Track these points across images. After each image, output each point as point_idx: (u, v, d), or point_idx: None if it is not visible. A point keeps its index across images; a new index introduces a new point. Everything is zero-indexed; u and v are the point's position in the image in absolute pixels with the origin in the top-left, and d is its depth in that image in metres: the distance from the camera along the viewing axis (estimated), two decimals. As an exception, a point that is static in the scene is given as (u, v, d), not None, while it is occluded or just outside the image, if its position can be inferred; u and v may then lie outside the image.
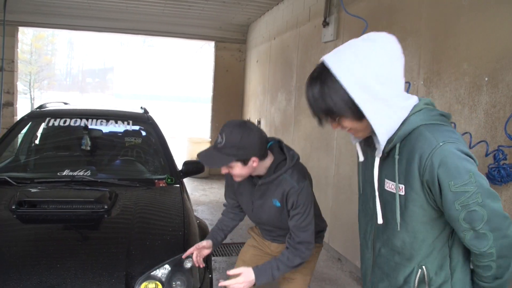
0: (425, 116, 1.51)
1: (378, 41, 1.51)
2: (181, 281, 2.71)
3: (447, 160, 1.42)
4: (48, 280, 2.45)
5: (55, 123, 4.33)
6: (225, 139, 2.33)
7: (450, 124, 1.57)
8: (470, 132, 3.14)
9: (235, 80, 10.46)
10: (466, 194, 1.41)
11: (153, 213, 3.38)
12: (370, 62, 1.47)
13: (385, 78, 1.47)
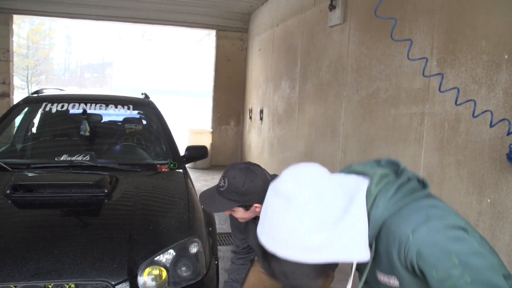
0: (384, 205, 1.30)
1: (290, 194, 1.26)
2: (187, 266, 2.58)
3: (422, 250, 1.24)
4: (45, 266, 2.31)
5: (53, 108, 4.16)
6: (227, 183, 2.23)
7: (412, 186, 1.34)
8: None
9: (237, 69, 10.29)
10: (452, 278, 1.22)
11: (156, 197, 3.23)
12: (294, 224, 1.24)
13: (320, 223, 1.23)
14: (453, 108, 3.37)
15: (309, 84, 6.35)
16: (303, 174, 1.30)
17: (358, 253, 1.30)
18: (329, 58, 5.68)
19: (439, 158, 3.51)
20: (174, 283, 2.51)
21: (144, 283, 2.41)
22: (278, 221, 1.27)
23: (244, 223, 2.63)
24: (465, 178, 3.24)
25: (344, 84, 5.22)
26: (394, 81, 4.17)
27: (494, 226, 2.97)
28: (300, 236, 1.24)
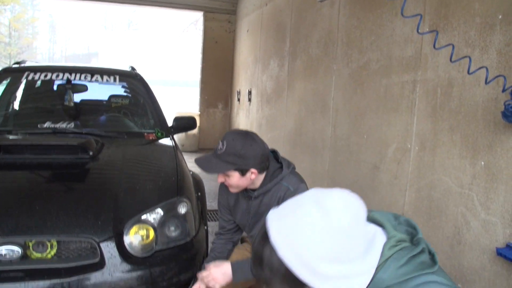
0: (392, 272, 1.26)
1: (333, 213, 1.20)
2: (175, 226, 2.50)
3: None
4: (25, 222, 2.21)
5: (35, 77, 4.01)
6: (225, 146, 2.22)
7: (424, 259, 1.30)
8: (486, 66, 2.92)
9: (225, 52, 10.17)
10: None
11: (143, 161, 3.13)
12: (316, 241, 1.19)
13: (337, 256, 1.20)
14: (446, 73, 3.32)
15: (298, 61, 6.27)
16: (354, 204, 1.25)
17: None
18: (319, 33, 5.60)
19: (431, 125, 3.46)
20: (162, 243, 2.43)
21: (130, 243, 2.33)
22: (303, 225, 1.20)
23: (234, 201, 2.57)
24: (458, 142, 3.19)
25: (334, 58, 5.15)
26: (386, 51, 4.11)
27: (488, 188, 2.93)
28: (316, 256, 1.18)
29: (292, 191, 2.31)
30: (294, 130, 6.31)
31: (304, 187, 2.37)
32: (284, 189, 2.34)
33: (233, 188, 2.34)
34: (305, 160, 5.83)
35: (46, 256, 2.20)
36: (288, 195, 2.31)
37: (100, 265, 2.19)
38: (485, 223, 2.97)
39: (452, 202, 3.24)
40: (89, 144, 2.88)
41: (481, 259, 3.01)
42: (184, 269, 2.44)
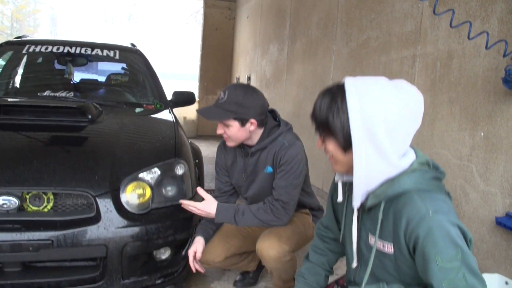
0: (419, 180, 1.40)
1: (407, 94, 1.40)
2: (172, 186, 2.49)
3: (434, 232, 1.31)
4: (22, 174, 2.20)
5: (36, 50, 3.99)
6: (227, 95, 2.25)
7: (443, 188, 1.46)
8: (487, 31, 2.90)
9: (225, 38, 10.17)
10: (453, 272, 1.30)
11: (142, 125, 3.13)
12: (388, 107, 1.36)
13: (394, 130, 1.37)
14: (445, 46, 3.31)
15: (298, 44, 6.25)
16: (422, 104, 1.43)
17: (362, 182, 1.42)
18: (318, 15, 5.59)
19: (430, 98, 3.45)
20: (158, 202, 2.42)
21: (127, 200, 2.32)
22: (377, 85, 1.38)
23: (231, 161, 2.57)
24: (457, 114, 3.18)
25: (333, 39, 5.14)
26: (385, 28, 4.10)
27: (487, 159, 2.92)
28: (379, 117, 1.34)
29: (287, 146, 2.33)
30: (293, 113, 6.30)
31: (300, 145, 2.38)
32: (279, 144, 2.35)
33: (231, 142, 2.35)
34: (303, 142, 5.73)
35: (42, 210, 2.19)
36: (283, 149, 2.32)
37: (96, 219, 2.18)
38: (484, 194, 2.96)
39: (451, 175, 3.23)
40: (88, 108, 2.86)
41: (480, 231, 3.00)
42: (181, 228, 2.44)
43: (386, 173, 1.41)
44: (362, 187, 1.43)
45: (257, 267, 2.86)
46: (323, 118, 1.43)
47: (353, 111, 1.36)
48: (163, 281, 2.45)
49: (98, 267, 2.26)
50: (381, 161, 1.38)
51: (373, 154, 1.37)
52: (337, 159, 1.48)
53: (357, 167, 1.40)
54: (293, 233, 2.38)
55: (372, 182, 1.42)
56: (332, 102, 1.40)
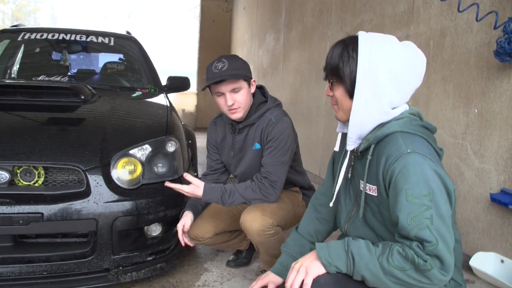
0: (405, 124, 1.49)
1: (414, 53, 1.53)
2: (163, 163, 2.48)
3: (409, 167, 1.37)
4: (13, 148, 2.20)
5: (31, 37, 3.98)
6: (227, 62, 2.25)
7: (432, 138, 1.54)
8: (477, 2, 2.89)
9: (222, 30, 10.17)
10: (421, 208, 1.34)
11: (135, 106, 3.12)
12: (395, 59, 1.47)
13: (396, 83, 1.48)
14: (438, 24, 3.30)
15: (294, 31, 6.25)
16: (424, 63, 1.59)
17: (357, 125, 1.52)
18: (314, 2, 5.58)
19: (424, 78, 3.36)
20: (149, 178, 2.42)
21: (118, 177, 2.32)
22: (388, 40, 1.50)
23: (221, 138, 2.58)
24: (451, 93, 3.18)
25: (328, 24, 5.13)
26: (379, 10, 4.09)
27: (482, 135, 2.92)
28: (385, 67, 1.45)
29: (274, 122, 2.32)
30: (290, 101, 6.29)
31: (287, 120, 2.36)
32: (266, 120, 2.35)
33: (241, 111, 2.34)
34: (300, 130, 5.79)
35: (33, 184, 2.19)
36: (270, 125, 2.31)
37: (86, 194, 2.18)
38: (479, 171, 2.95)
39: (446, 154, 3.22)
40: (81, 88, 2.86)
41: (475, 210, 2.99)
42: (172, 205, 2.43)
43: (379, 119, 1.50)
44: (356, 131, 1.53)
45: (249, 247, 2.85)
46: (334, 65, 1.53)
47: (362, 59, 1.46)
48: (155, 258, 2.44)
49: (88, 242, 2.26)
50: (377, 106, 1.48)
51: (372, 99, 1.47)
52: (341, 105, 1.57)
53: (355, 110, 1.50)
54: (279, 208, 2.36)
55: (366, 126, 1.51)
56: (343, 50, 1.51)
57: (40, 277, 2.19)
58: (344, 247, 1.43)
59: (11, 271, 2.14)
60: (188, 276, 2.72)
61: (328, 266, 1.44)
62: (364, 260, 1.38)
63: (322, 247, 1.48)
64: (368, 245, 1.41)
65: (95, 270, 2.28)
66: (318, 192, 1.97)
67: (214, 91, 2.32)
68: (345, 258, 1.42)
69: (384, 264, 1.35)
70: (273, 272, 1.86)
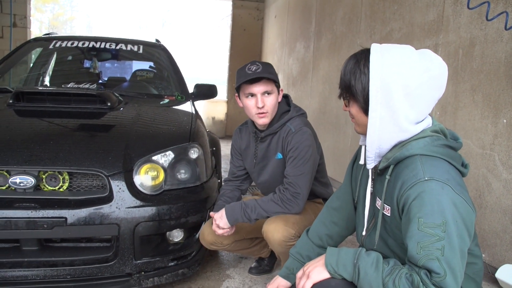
0: (426, 146, 1.42)
1: (431, 61, 1.42)
2: (185, 170, 2.51)
3: (424, 195, 1.31)
4: (38, 154, 2.26)
5: (62, 45, 4.09)
6: (261, 65, 2.27)
7: (456, 158, 1.45)
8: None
9: (253, 39, 10.20)
10: (432, 238, 1.29)
11: (160, 113, 3.16)
12: (409, 72, 1.39)
13: (413, 95, 1.39)
14: (467, 33, 3.25)
15: (323, 40, 6.23)
16: (446, 71, 1.47)
17: (374, 143, 1.46)
18: (343, 10, 5.56)
19: (452, 87, 3.39)
20: (171, 184, 2.44)
21: (140, 182, 2.35)
22: (402, 51, 1.43)
23: (245, 145, 2.59)
24: (480, 102, 3.12)
25: (357, 33, 5.10)
26: (408, 18, 4.05)
27: (510, 146, 2.85)
28: (399, 81, 1.38)
29: (293, 132, 2.31)
30: (318, 110, 6.27)
31: (307, 130, 2.34)
32: (287, 130, 2.35)
33: (268, 116, 2.36)
34: (328, 139, 5.79)
35: (58, 189, 2.25)
36: (289, 135, 2.31)
37: (109, 199, 2.22)
38: (507, 183, 2.89)
39: (473, 164, 3.16)
40: (108, 95, 2.92)
41: (502, 221, 2.93)
42: (193, 211, 2.45)
43: (397, 137, 1.44)
44: (373, 149, 1.47)
45: (271, 254, 2.85)
46: (346, 82, 1.49)
47: (374, 73, 1.40)
48: (176, 263, 2.46)
49: (111, 247, 2.30)
50: (392, 125, 1.41)
51: (387, 117, 1.41)
52: (358, 121, 1.53)
53: (370, 129, 1.44)
54: (301, 219, 2.34)
55: (384, 145, 1.46)
56: (355, 66, 1.46)
57: (63, 281, 2.24)
58: (353, 260, 1.42)
59: (36, 274, 2.19)
60: (210, 282, 2.73)
61: (333, 273, 1.45)
62: (368, 278, 1.37)
63: (332, 253, 1.48)
64: (378, 262, 1.39)
65: (117, 274, 2.31)
66: (334, 195, 1.95)
67: (245, 92, 2.33)
68: (351, 271, 1.41)
69: (389, 285, 1.34)
70: (281, 276, 1.87)
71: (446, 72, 1.45)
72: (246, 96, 2.34)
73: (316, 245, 1.90)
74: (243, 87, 2.32)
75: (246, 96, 2.33)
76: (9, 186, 2.20)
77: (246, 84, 2.29)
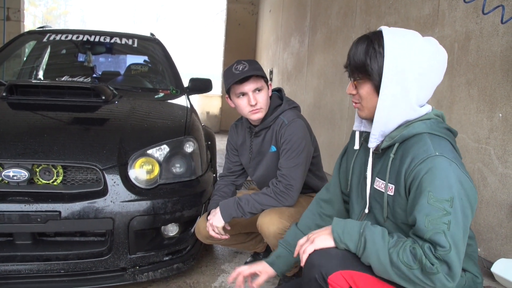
0: (433, 126, 1.48)
1: (437, 49, 1.50)
2: (180, 163, 2.49)
3: (435, 170, 1.36)
4: (32, 147, 2.24)
5: (56, 38, 4.05)
6: (247, 64, 2.27)
7: (454, 141, 1.52)
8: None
9: (247, 34, 10.19)
10: (440, 212, 1.33)
11: (155, 106, 3.14)
12: (421, 55, 1.44)
13: (422, 78, 1.46)
14: (463, 27, 3.24)
15: (318, 34, 6.22)
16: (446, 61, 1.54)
17: (382, 121, 1.49)
18: (338, 4, 5.54)
19: (448, 81, 3.38)
20: (166, 178, 2.43)
21: (135, 176, 2.34)
22: (414, 36, 1.48)
23: (241, 141, 2.58)
24: (475, 96, 3.11)
25: (352, 27, 5.09)
26: (403, 12, 4.03)
27: (506, 140, 2.85)
28: (412, 64, 1.43)
29: (286, 124, 2.31)
30: (313, 104, 6.26)
31: (300, 122, 2.34)
32: (280, 123, 2.34)
33: (262, 111, 2.35)
34: (323, 133, 5.78)
35: (52, 183, 2.23)
36: (282, 127, 2.31)
37: (103, 193, 2.21)
38: (502, 177, 2.89)
39: (469, 159, 3.16)
40: (102, 89, 2.90)
41: (498, 216, 2.93)
42: (189, 205, 2.43)
43: (405, 116, 1.48)
44: (380, 127, 1.50)
45: (267, 249, 2.84)
46: (359, 62, 1.50)
47: (389, 54, 1.43)
48: (171, 258, 2.45)
49: (106, 242, 2.28)
50: (404, 103, 1.46)
51: (399, 95, 1.45)
52: (366, 102, 1.54)
53: (380, 107, 1.47)
54: (297, 212, 2.32)
55: (391, 123, 1.49)
56: (368, 46, 1.48)
57: (57, 275, 2.22)
58: (360, 230, 1.45)
59: (30, 269, 2.17)
60: (205, 277, 2.72)
61: (338, 242, 1.47)
62: (375, 247, 1.40)
63: (338, 222, 1.51)
64: (384, 234, 1.42)
65: (111, 269, 2.30)
66: (324, 188, 1.96)
67: (236, 92, 2.32)
68: (356, 240, 1.44)
69: (393, 257, 1.36)
70: (267, 262, 1.88)
71: (446, 59, 1.52)
72: (237, 96, 2.33)
73: (306, 234, 1.90)
74: (233, 87, 2.31)
75: (238, 96, 2.33)
76: (2, 179, 2.17)
77: (236, 85, 2.29)
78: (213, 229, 2.29)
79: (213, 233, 2.30)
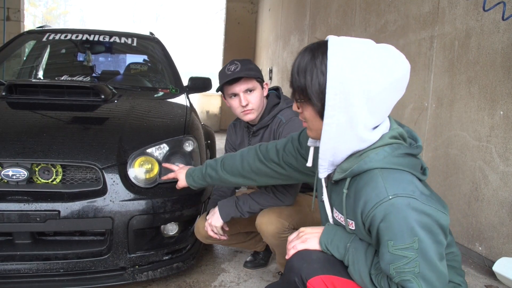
0: (386, 158, 1.29)
1: (395, 61, 1.26)
2: (180, 163, 2.47)
3: (391, 217, 1.22)
4: (32, 146, 2.23)
5: (56, 37, 4.04)
6: (240, 64, 2.26)
7: (416, 166, 1.34)
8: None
9: (247, 32, 10.19)
10: (404, 260, 1.23)
11: (154, 105, 3.12)
12: (372, 75, 1.22)
13: (374, 101, 1.24)
14: (463, 24, 3.23)
15: (318, 33, 6.21)
16: (407, 74, 1.32)
17: (327, 152, 1.32)
18: (338, 3, 5.53)
19: (449, 79, 3.37)
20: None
21: (135, 175, 2.33)
22: (362, 44, 1.26)
23: (239, 140, 2.58)
24: (476, 94, 3.10)
25: (352, 25, 5.08)
26: (403, 10, 4.02)
27: (507, 138, 2.84)
28: (356, 78, 1.21)
29: (284, 123, 2.30)
30: (313, 103, 6.25)
31: (298, 120, 2.31)
32: (278, 122, 2.34)
33: (255, 112, 2.34)
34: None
35: (51, 182, 2.22)
36: (280, 126, 2.30)
37: (102, 192, 2.19)
38: (504, 175, 2.88)
39: (470, 157, 3.15)
40: (102, 88, 2.90)
41: (499, 214, 2.92)
42: (188, 204, 2.42)
43: (354, 147, 1.31)
44: (327, 158, 1.34)
45: (267, 248, 2.83)
46: (299, 81, 1.31)
47: (333, 73, 1.22)
48: (171, 257, 2.44)
49: (105, 241, 2.27)
50: (351, 133, 1.27)
51: (345, 124, 1.26)
52: (311, 126, 1.37)
53: (325, 137, 1.29)
54: (295, 211, 2.30)
55: (339, 154, 1.33)
56: (311, 62, 1.27)
57: (57, 275, 2.21)
58: (346, 245, 1.41)
59: (29, 268, 2.16)
60: (205, 276, 2.71)
61: (324, 250, 1.45)
62: (358, 266, 1.37)
63: (329, 231, 1.47)
64: (367, 254, 1.38)
65: (111, 268, 2.28)
66: (273, 151, 1.90)
67: (228, 92, 2.33)
68: (343, 254, 1.42)
69: (373, 279, 1.34)
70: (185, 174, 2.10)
71: (409, 71, 1.30)
72: (229, 97, 2.35)
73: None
74: (225, 88, 2.32)
75: (230, 96, 2.35)
76: (2, 178, 2.16)
77: (227, 85, 2.30)
78: (212, 229, 2.28)
79: (211, 233, 2.29)
